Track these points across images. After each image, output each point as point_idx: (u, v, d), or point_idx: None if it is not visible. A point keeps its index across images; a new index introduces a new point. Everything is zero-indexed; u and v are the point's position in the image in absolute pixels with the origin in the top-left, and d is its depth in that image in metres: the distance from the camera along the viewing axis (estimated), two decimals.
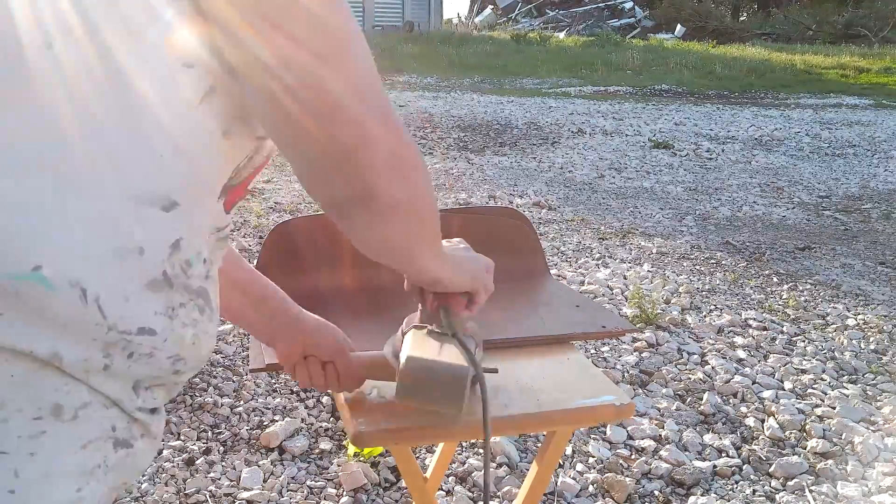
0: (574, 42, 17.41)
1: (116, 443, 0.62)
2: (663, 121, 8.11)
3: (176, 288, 0.62)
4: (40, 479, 0.57)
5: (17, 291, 0.54)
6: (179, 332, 0.63)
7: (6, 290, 0.53)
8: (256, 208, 4.07)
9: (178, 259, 0.61)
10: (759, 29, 20.71)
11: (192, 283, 0.64)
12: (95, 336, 0.57)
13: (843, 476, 1.88)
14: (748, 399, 2.25)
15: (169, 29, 0.58)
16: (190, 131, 0.61)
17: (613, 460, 1.91)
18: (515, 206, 4.41)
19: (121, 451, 0.63)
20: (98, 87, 0.57)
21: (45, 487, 0.57)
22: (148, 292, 0.59)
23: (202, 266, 0.65)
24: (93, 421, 0.60)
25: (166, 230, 0.60)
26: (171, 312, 0.62)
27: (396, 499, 1.75)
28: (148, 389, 0.65)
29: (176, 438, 1.94)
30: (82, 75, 0.56)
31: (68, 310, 0.55)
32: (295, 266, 1.31)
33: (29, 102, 0.55)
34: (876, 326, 2.82)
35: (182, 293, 0.63)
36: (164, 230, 0.60)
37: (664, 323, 2.76)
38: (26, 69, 0.55)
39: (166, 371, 0.64)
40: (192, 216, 0.62)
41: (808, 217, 4.46)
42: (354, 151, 0.61)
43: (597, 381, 1.06)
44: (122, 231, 0.58)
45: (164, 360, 0.63)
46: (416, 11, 19.98)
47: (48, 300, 0.54)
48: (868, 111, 9.37)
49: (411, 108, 8.41)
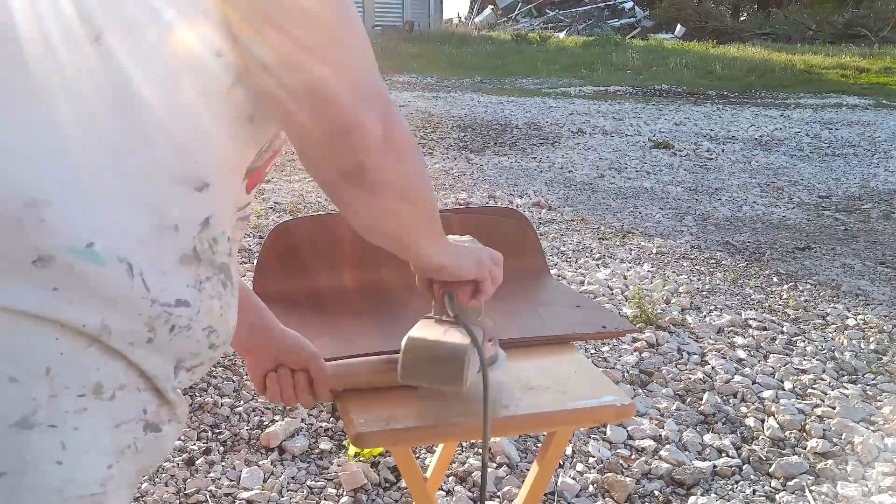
0: (574, 42, 17.41)
1: (147, 426, 0.65)
2: (663, 121, 8.11)
3: (203, 263, 0.66)
4: (81, 453, 0.60)
5: (73, 266, 0.57)
6: (209, 304, 0.67)
7: (63, 265, 0.57)
8: (256, 208, 4.07)
9: (206, 236, 0.66)
10: (759, 29, 20.70)
11: (217, 258, 0.68)
12: (141, 310, 0.61)
13: (843, 476, 1.88)
14: (748, 399, 2.25)
15: (200, 19, 0.62)
16: (221, 117, 0.65)
17: (613, 460, 1.91)
18: (515, 206, 4.41)
19: (150, 434, 0.66)
20: (140, 76, 0.61)
21: (85, 460, 0.61)
22: (180, 266, 0.64)
23: (226, 243, 0.69)
24: (127, 402, 0.63)
25: (199, 209, 0.65)
26: (199, 286, 0.66)
27: (396, 499, 1.75)
28: (189, 371, 0.69)
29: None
30: (128, 65, 0.60)
31: (117, 284, 0.59)
32: (295, 266, 1.31)
33: (76, 92, 0.59)
34: (876, 326, 2.82)
35: (208, 268, 0.67)
36: (196, 209, 0.65)
37: (664, 323, 2.76)
38: (66, 61, 0.59)
39: (203, 345, 0.68)
40: (220, 196, 0.67)
41: (808, 217, 4.46)
42: (345, 134, 0.64)
43: (597, 382, 1.06)
44: (161, 209, 0.62)
45: (200, 333, 0.67)
46: (416, 11, 19.97)
47: (100, 275, 0.58)
48: (868, 111, 9.37)
49: (411, 108, 8.41)
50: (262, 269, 1.30)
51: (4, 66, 0.58)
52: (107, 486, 0.62)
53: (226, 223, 0.69)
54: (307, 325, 1.18)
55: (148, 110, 0.61)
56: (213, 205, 0.66)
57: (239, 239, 0.76)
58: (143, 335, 0.62)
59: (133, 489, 0.68)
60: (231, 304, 0.71)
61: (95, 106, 0.59)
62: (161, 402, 0.66)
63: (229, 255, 0.70)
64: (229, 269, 0.71)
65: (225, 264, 0.70)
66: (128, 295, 0.60)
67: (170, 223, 0.62)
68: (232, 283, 0.71)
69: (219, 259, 0.68)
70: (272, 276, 1.30)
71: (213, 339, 0.69)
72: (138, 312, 0.61)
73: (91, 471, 0.61)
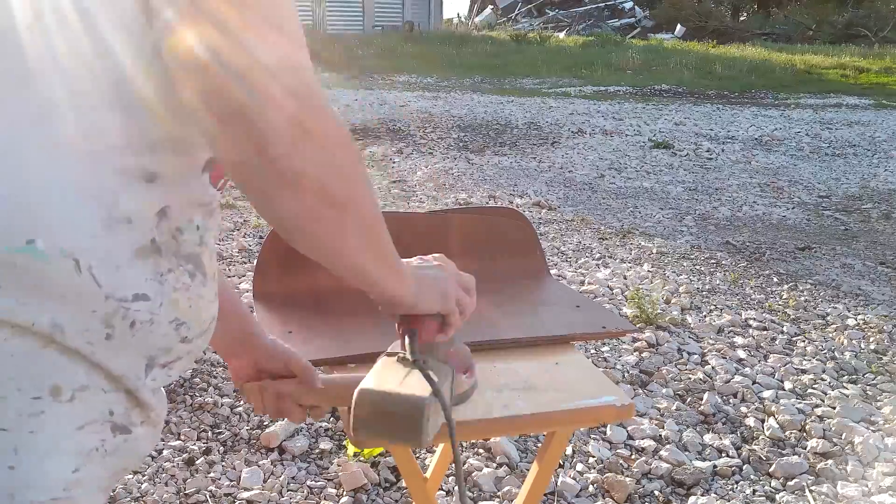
0: (574, 42, 17.40)
1: (114, 427, 0.63)
2: (663, 121, 8.11)
3: (164, 254, 0.63)
4: (40, 457, 0.59)
5: (14, 264, 0.56)
6: (172, 297, 0.64)
7: (4, 262, 0.55)
8: None
9: (167, 227, 0.63)
10: (759, 29, 20.71)
11: (183, 249, 0.65)
12: (94, 306, 0.59)
13: (843, 476, 1.88)
14: (748, 399, 2.25)
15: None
16: (166, 105, 0.61)
17: (613, 460, 1.91)
18: (515, 206, 4.41)
19: (119, 437, 0.64)
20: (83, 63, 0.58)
21: (44, 465, 0.59)
22: (137, 259, 0.61)
23: (195, 232, 0.66)
24: (89, 403, 0.61)
25: (151, 200, 0.62)
26: (160, 278, 0.63)
27: (396, 499, 1.75)
28: (165, 367, 0.66)
29: (176, 438, 1.94)
30: (71, 54, 0.58)
31: (64, 280, 0.57)
32: (295, 266, 1.31)
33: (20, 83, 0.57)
34: (876, 326, 2.82)
35: (170, 259, 0.64)
36: (148, 200, 0.62)
37: (664, 323, 2.76)
38: (20, 50, 0.57)
39: (173, 339, 0.65)
40: (176, 186, 0.64)
41: (808, 217, 4.46)
42: (248, 108, 0.56)
43: (597, 382, 1.06)
44: (109, 202, 0.59)
45: (167, 326, 0.64)
46: (416, 11, 19.97)
47: (44, 272, 0.56)
48: (868, 111, 9.37)
49: (411, 107, 8.41)
50: (262, 269, 1.30)
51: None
52: (72, 491, 0.61)
53: (191, 212, 0.66)
54: (307, 325, 1.18)
55: (98, 100, 0.58)
56: (168, 195, 0.63)
57: (215, 228, 0.71)
58: (100, 332, 0.60)
59: (106, 493, 0.66)
60: (202, 295, 0.68)
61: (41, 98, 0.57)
62: (132, 403, 0.64)
63: (199, 245, 0.67)
64: (199, 258, 0.68)
65: (194, 254, 0.67)
66: (77, 291, 0.58)
67: (121, 216, 0.60)
68: (203, 273, 0.68)
69: (185, 249, 0.65)
70: (272, 276, 1.29)
71: (183, 333, 0.66)
72: (91, 309, 0.59)
73: (52, 475, 0.60)
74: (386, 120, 7.41)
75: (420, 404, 0.77)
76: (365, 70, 11.66)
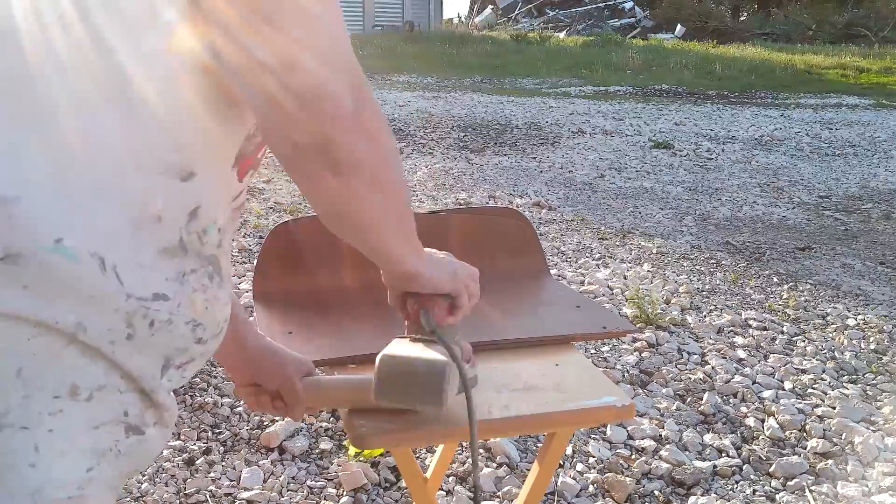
0: (574, 42, 17.39)
1: (128, 428, 0.64)
2: (663, 121, 8.10)
3: (189, 254, 0.64)
4: (57, 456, 0.59)
5: (42, 263, 0.56)
6: (191, 297, 0.65)
7: (31, 263, 0.55)
8: (256, 208, 4.07)
9: (195, 227, 0.64)
10: (759, 29, 20.70)
11: (205, 250, 0.66)
12: (116, 305, 0.59)
13: (844, 476, 1.88)
14: (748, 399, 2.25)
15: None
16: (200, 102, 0.63)
17: (613, 460, 1.91)
18: (515, 206, 4.41)
19: (132, 437, 0.64)
20: (111, 66, 0.59)
21: (61, 463, 0.60)
22: (161, 259, 0.62)
23: (216, 235, 0.67)
24: (106, 403, 0.62)
25: (185, 199, 0.63)
26: (181, 278, 0.64)
27: (396, 499, 1.75)
28: (180, 368, 0.67)
29: (176, 438, 1.94)
30: (96, 54, 0.59)
31: (90, 280, 0.58)
32: (295, 266, 1.31)
33: (53, 85, 0.58)
34: (876, 326, 2.82)
35: (194, 259, 0.65)
36: (182, 199, 0.63)
37: (664, 323, 2.76)
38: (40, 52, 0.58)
39: (189, 339, 0.66)
40: (209, 184, 0.65)
41: (808, 217, 4.46)
42: (313, 99, 0.60)
43: (597, 382, 1.06)
44: (140, 201, 0.60)
45: (183, 327, 0.65)
46: (416, 11, 19.97)
47: (71, 271, 0.57)
48: (868, 111, 9.37)
49: (411, 107, 8.41)
50: (262, 269, 1.30)
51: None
52: (85, 490, 0.61)
53: (217, 214, 0.67)
54: (307, 325, 1.18)
55: (133, 99, 0.59)
56: (200, 195, 0.64)
57: (232, 231, 0.74)
58: (121, 332, 0.60)
59: (115, 492, 0.67)
60: (219, 297, 0.69)
61: (77, 98, 0.58)
62: (146, 404, 0.65)
63: (219, 247, 0.68)
64: (218, 261, 0.69)
65: (214, 256, 0.67)
66: (101, 290, 0.58)
67: (152, 215, 0.61)
68: (220, 276, 0.69)
69: (207, 251, 0.66)
70: (272, 276, 1.30)
71: (199, 334, 0.67)
72: (114, 308, 0.59)
73: (68, 473, 0.60)
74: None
75: (442, 366, 0.81)
76: (365, 70, 11.56)
